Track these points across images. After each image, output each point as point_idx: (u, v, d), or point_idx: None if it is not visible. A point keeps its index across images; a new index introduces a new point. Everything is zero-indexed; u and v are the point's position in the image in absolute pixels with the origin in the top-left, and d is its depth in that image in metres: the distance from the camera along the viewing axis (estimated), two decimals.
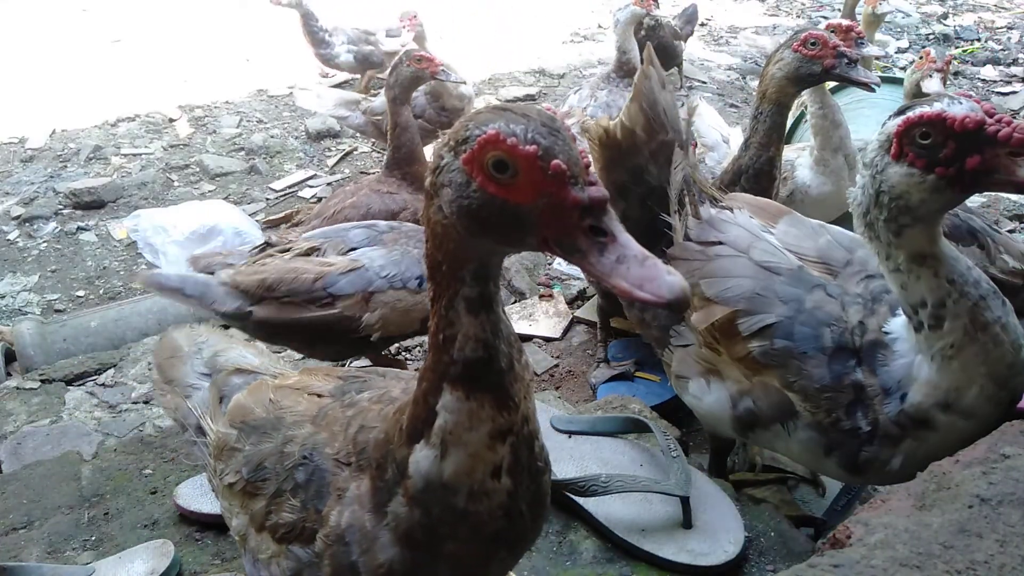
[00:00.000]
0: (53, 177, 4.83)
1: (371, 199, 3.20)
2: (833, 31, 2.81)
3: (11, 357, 3.12)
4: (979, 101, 1.31)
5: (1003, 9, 8.29)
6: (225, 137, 5.34)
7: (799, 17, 8.19)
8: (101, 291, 3.85)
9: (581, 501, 1.75)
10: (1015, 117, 5.54)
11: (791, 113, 2.83)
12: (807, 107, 3.03)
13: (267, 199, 4.58)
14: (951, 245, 1.49)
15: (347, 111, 4.42)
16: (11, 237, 4.26)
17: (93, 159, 5.06)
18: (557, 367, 2.94)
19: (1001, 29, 7.58)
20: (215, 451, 1.36)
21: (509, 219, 0.83)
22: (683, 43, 5.87)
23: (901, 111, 1.36)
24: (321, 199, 4.12)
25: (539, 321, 3.24)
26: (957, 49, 6.94)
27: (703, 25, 7.49)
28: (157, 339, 3.09)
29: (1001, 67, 6.54)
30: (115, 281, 3.92)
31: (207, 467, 1.44)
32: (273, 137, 5.29)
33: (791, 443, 1.63)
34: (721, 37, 7.56)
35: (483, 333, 0.94)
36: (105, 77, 6.25)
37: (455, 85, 4.11)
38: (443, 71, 3.18)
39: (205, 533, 1.87)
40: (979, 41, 7.19)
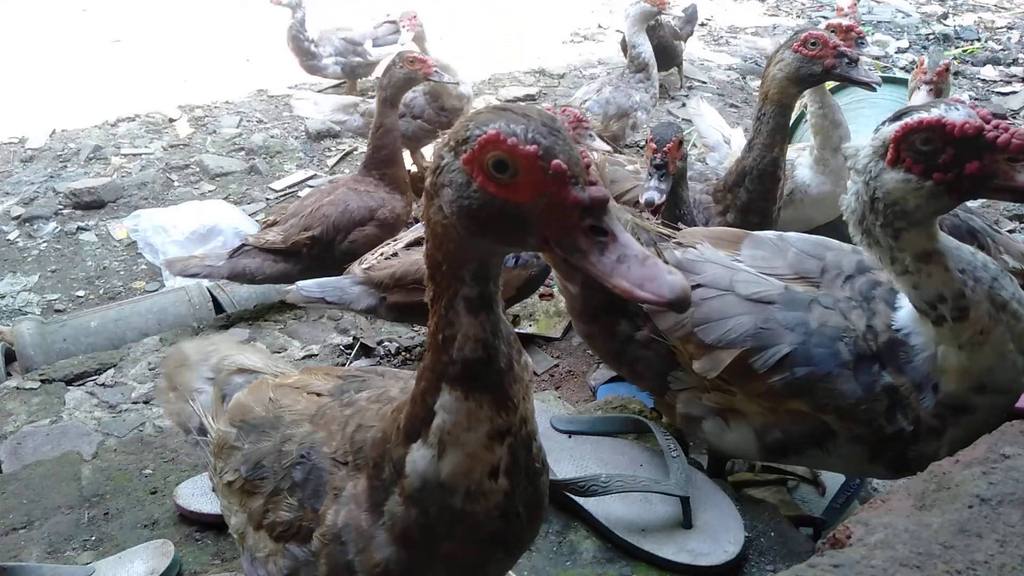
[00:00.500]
0: (53, 177, 4.83)
1: (349, 197, 3.24)
2: (833, 31, 2.82)
3: (11, 357, 3.12)
4: (974, 107, 1.31)
5: (1003, 9, 8.29)
6: (225, 137, 5.34)
7: (799, 17, 8.19)
8: (101, 291, 3.85)
9: (581, 501, 1.75)
10: (1015, 117, 5.55)
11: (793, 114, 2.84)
12: (807, 107, 3.04)
13: (267, 199, 4.58)
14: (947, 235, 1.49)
15: (345, 115, 4.42)
16: (11, 237, 4.26)
17: (93, 159, 5.07)
18: (557, 367, 2.95)
19: (1001, 29, 7.58)
20: (216, 449, 1.37)
21: (509, 219, 0.83)
22: (683, 43, 5.87)
23: (897, 116, 1.35)
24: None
25: (539, 321, 3.24)
26: (957, 49, 6.94)
27: (703, 25, 7.49)
28: (157, 339, 3.12)
29: (1001, 67, 6.54)
30: (115, 281, 3.92)
31: (209, 466, 1.45)
32: (273, 137, 5.29)
33: (829, 460, 1.62)
34: (721, 37, 7.56)
35: (483, 333, 0.94)
36: (105, 77, 6.25)
37: (455, 85, 4.11)
38: (436, 72, 3.20)
39: (205, 533, 1.87)
40: (979, 41, 7.19)
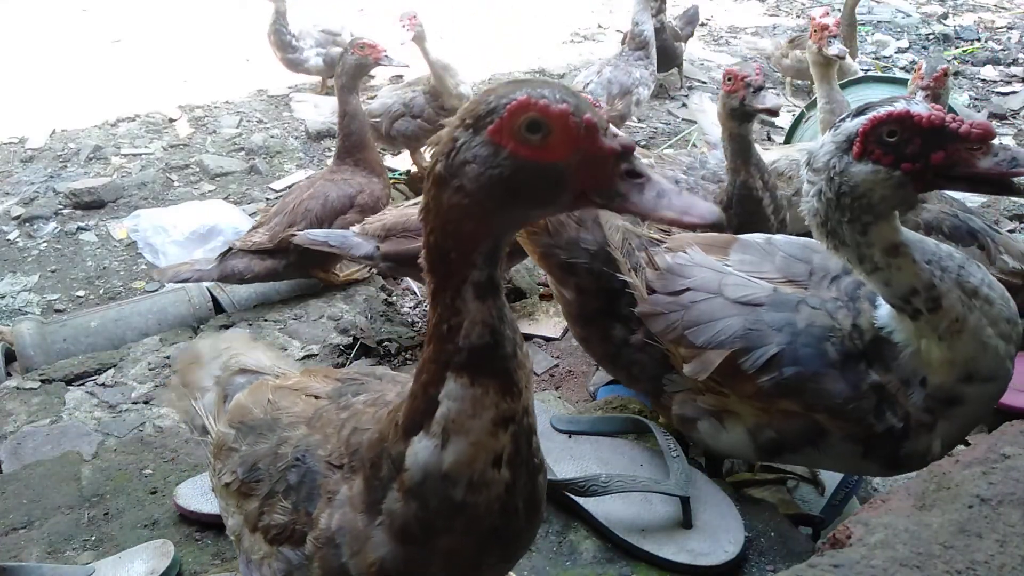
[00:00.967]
0: (53, 177, 4.82)
1: (327, 187, 3.29)
2: (815, 30, 2.93)
3: (11, 357, 3.12)
4: (933, 105, 1.38)
5: (1003, 9, 8.29)
6: (225, 137, 5.34)
7: (799, 17, 8.19)
8: (101, 291, 3.85)
9: (581, 501, 1.75)
10: (1015, 117, 5.55)
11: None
12: (817, 102, 3.07)
13: (267, 199, 4.58)
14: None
15: None
16: (11, 237, 4.26)
17: (93, 159, 5.06)
18: (557, 367, 2.95)
19: (1001, 29, 7.58)
20: (215, 450, 1.37)
21: (543, 180, 0.86)
22: (683, 44, 5.87)
23: (860, 112, 1.40)
24: None
25: (539, 321, 3.24)
26: (957, 49, 6.95)
27: (703, 25, 7.49)
28: (157, 339, 3.12)
29: (1001, 67, 6.54)
30: (115, 281, 3.92)
31: (209, 467, 1.45)
32: (273, 137, 5.29)
33: (824, 459, 1.64)
34: (721, 37, 7.56)
35: (490, 318, 0.94)
36: (105, 77, 6.25)
37: (455, 85, 4.12)
38: (386, 57, 3.30)
39: (205, 533, 1.87)
40: (979, 41, 7.19)
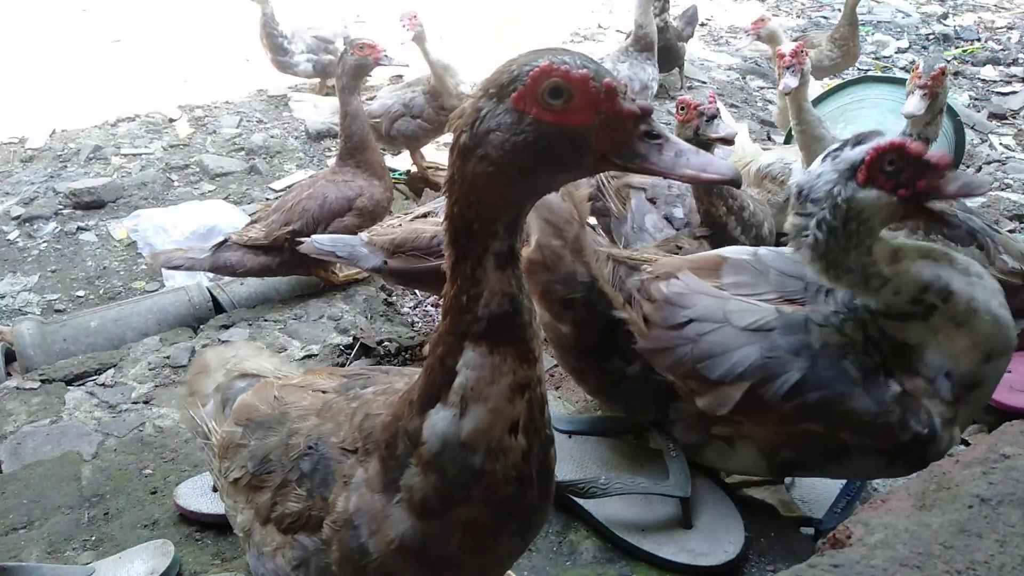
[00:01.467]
0: (53, 177, 4.82)
1: (327, 188, 3.27)
2: (778, 57, 2.97)
3: (11, 357, 3.11)
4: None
5: (1003, 9, 8.29)
6: (225, 137, 5.34)
7: (799, 17, 8.19)
8: (101, 291, 3.85)
9: (581, 501, 1.75)
10: (1015, 117, 5.56)
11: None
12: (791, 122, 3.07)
13: (267, 199, 4.57)
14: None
15: None
16: (11, 237, 4.25)
17: (93, 159, 5.06)
18: (557, 367, 2.94)
19: (1001, 29, 7.58)
20: (220, 450, 1.38)
21: (567, 144, 0.88)
22: (684, 44, 5.87)
23: (858, 141, 1.47)
24: None
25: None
26: (957, 49, 6.95)
27: (703, 25, 7.49)
28: (157, 339, 3.12)
29: (1001, 67, 6.54)
30: (115, 281, 3.91)
31: (212, 470, 1.46)
32: (273, 137, 5.29)
33: (844, 471, 1.65)
34: (721, 37, 7.56)
35: (509, 287, 0.96)
36: (105, 77, 6.25)
37: (455, 85, 4.12)
38: (385, 57, 3.27)
39: (205, 533, 1.88)
40: (979, 41, 7.19)
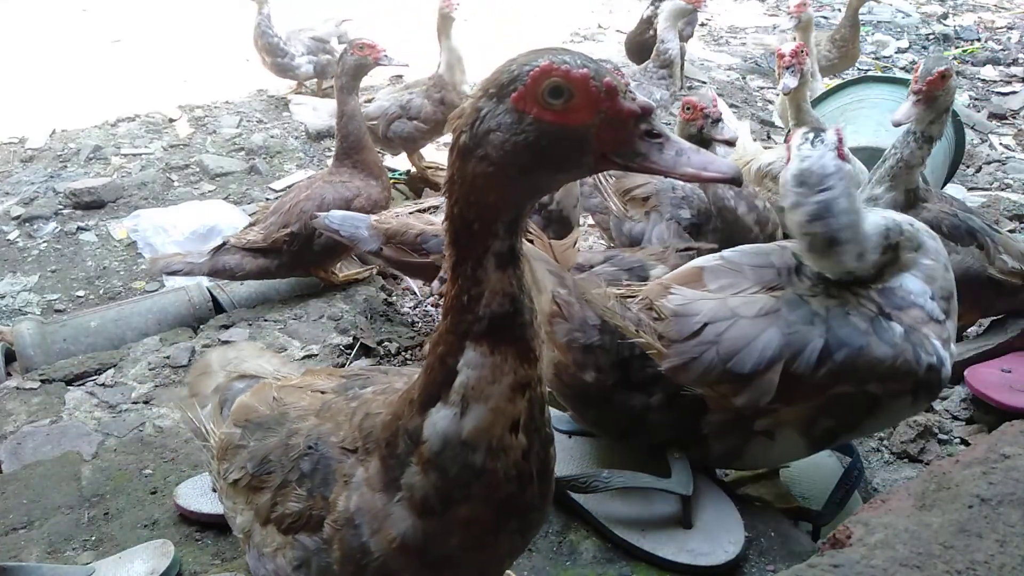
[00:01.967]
0: (53, 177, 4.82)
1: (325, 189, 3.27)
2: (778, 57, 3.01)
3: (11, 357, 3.11)
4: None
5: (1003, 9, 8.29)
6: (225, 137, 5.34)
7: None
8: (101, 291, 3.85)
9: (581, 501, 1.75)
10: (1015, 117, 5.55)
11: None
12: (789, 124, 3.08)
13: (267, 199, 4.57)
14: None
15: None
16: (11, 237, 4.25)
17: (93, 159, 5.06)
18: None
19: (1001, 29, 7.58)
20: (219, 452, 1.37)
21: (567, 143, 0.88)
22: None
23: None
24: None
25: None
26: (957, 49, 6.94)
27: (703, 25, 7.49)
28: (157, 339, 3.12)
29: (1001, 67, 6.54)
30: (115, 281, 3.91)
31: (211, 472, 1.45)
32: (273, 137, 5.29)
33: (879, 422, 1.76)
34: (721, 37, 7.56)
35: (510, 287, 0.96)
36: (105, 77, 6.24)
37: (460, 81, 4.13)
38: (385, 56, 3.27)
39: (205, 533, 1.87)
40: (979, 41, 7.19)
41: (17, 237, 4.26)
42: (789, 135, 3.51)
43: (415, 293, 3.64)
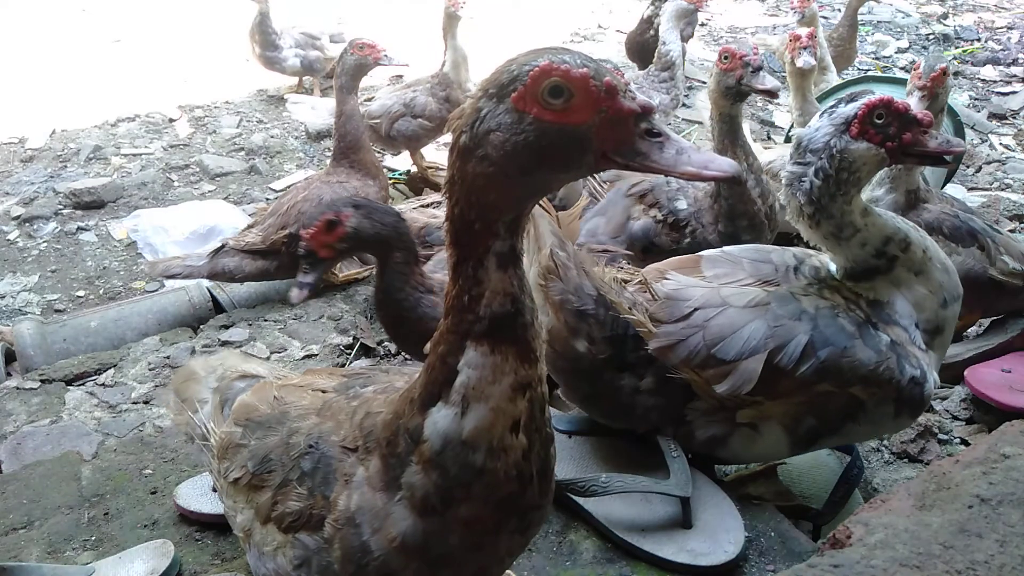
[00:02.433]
0: (53, 177, 4.82)
1: (322, 190, 3.28)
2: (791, 39, 2.98)
3: (11, 357, 3.11)
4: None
5: (1003, 9, 8.29)
6: (225, 137, 5.34)
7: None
8: (101, 291, 3.85)
9: (581, 501, 1.75)
10: (1015, 117, 5.55)
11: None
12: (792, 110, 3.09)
13: (267, 199, 4.58)
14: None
15: None
16: (11, 237, 4.25)
17: (93, 159, 5.06)
18: None
19: (1001, 29, 7.58)
20: (219, 451, 1.37)
21: (567, 142, 0.88)
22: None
23: (851, 100, 1.63)
24: None
25: None
26: (957, 49, 6.94)
27: (703, 25, 7.49)
28: (157, 339, 3.12)
29: (1001, 67, 6.54)
30: (115, 281, 3.91)
31: (211, 471, 1.45)
32: (273, 137, 5.29)
33: (861, 430, 1.74)
34: (721, 37, 7.56)
35: (511, 287, 0.97)
36: (105, 77, 6.25)
37: (465, 80, 4.13)
38: (385, 56, 3.29)
39: (205, 533, 1.87)
40: (979, 41, 7.19)
41: (17, 237, 4.26)
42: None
43: None
